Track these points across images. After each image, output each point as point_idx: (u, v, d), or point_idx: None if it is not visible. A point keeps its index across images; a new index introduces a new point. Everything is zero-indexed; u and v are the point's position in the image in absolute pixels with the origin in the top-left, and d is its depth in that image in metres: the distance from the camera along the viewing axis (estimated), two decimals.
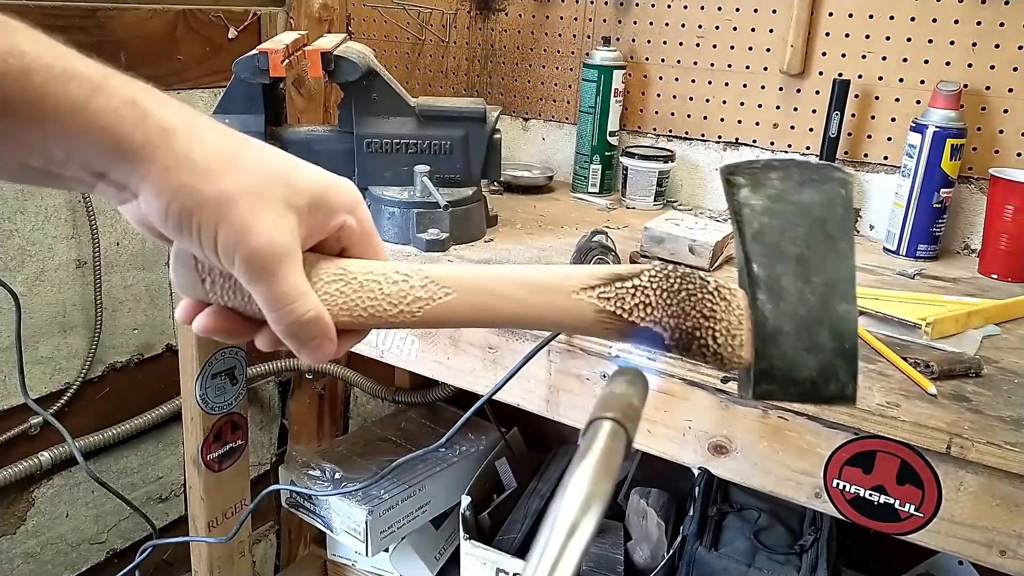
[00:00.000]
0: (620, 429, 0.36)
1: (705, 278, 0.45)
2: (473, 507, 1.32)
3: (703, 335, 0.45)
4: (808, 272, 0.45)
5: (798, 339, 0.44)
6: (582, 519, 0.32)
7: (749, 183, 0.47)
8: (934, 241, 1.18)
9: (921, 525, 0.72)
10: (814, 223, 0.46)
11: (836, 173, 0.47)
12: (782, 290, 0.45)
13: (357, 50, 1.11)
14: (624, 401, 0.38)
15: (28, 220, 1.26)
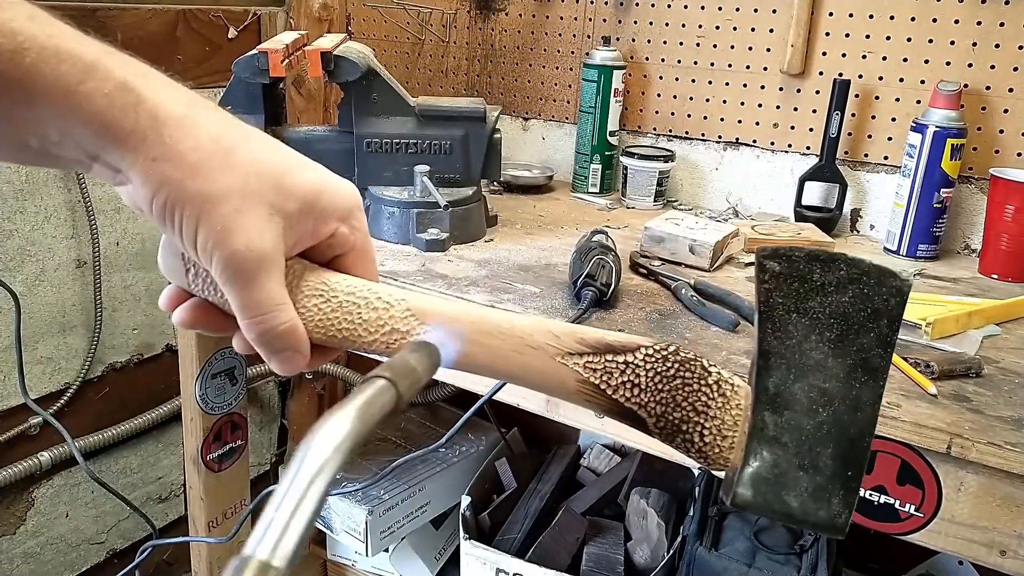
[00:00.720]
0: (390, 386, 0.36)
1: (708, 368, 0.42)
2: (473, 507, 1.32)
3: (689, 430, 0.42)
4: (827, 384, 0.40)
5: (796, 455, 0.40)
6: (328, 462, 0.32)
7: (785, 270, 0.41)
8: (934, 241, 1.18)
9: (921, 525, 0.72)
10: (849, 331, 0.40)
11: (892, 280, 0.40)
12: (792, 398, 0.40)
13: (357, 50, 1.11)
14: (404, 364, 0.38)
15: (28, 220, 1.26)
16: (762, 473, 0.40)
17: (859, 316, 0.40)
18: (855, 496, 0.40)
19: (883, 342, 0.40)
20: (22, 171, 1.24)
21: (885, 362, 0.40)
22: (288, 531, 0.30)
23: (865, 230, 1.31)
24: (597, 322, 0.87)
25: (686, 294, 0.94)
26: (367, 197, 1.14)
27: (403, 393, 0.37)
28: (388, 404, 0.36)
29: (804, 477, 0.40)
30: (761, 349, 0.42)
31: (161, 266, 0.45)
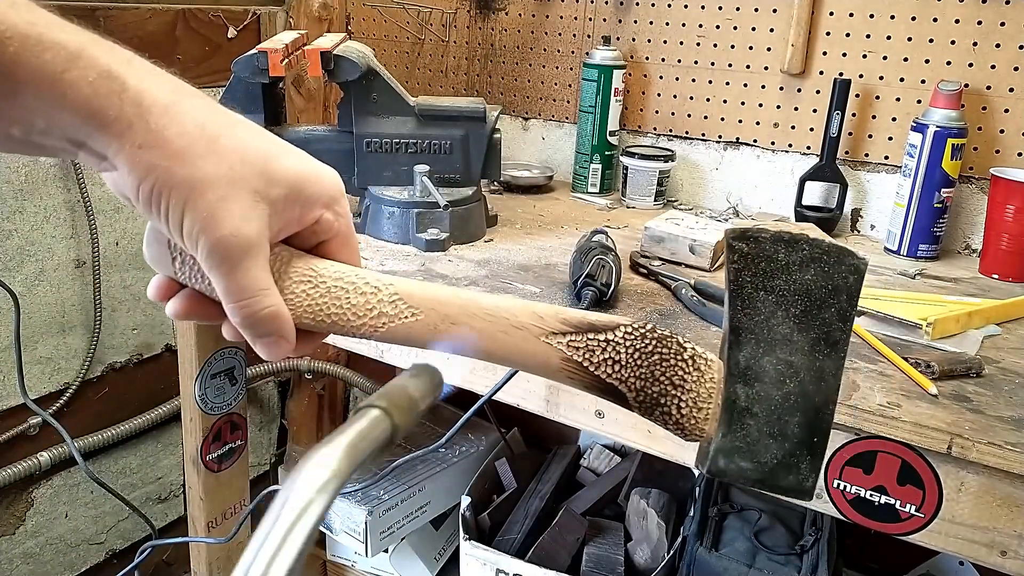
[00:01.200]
0: (385, 417, 0.35)
1: (683, 344, 0.44)
2: (473, 507, 1.32)
3: (667, 403, 0.43)
4: (793, 357, 0.43)
5: (767, 424, 0.43)
6: (312, 504, 0.31)
7: (752, 251, 0.44)
8: (935, 241, 1.18)
9: (922, 525, 0.71)
10: (812, 307, 0.44)
11: (850, 258, 0.44)
12: (761, 370, 0.43)
13: (357, 49, 1.11)
14: (400, 392, 0.37)
15: (27, 220, 1.26)
16: (735, 443, 0.43)
17: (821, 292, 0.43)
18: (821, 461, 0.43)
19: (843, 317, 0.43)
20: (22, 171, 1.24)
21: (845, 335, 0.44)
22: (271, 572, 0.29)
23: (866, 230, 1.31)
24: None
25: (686, 294, 0.94)
26: (367, 197, 1.14)
27: (399, 424, 0.36)
28: (382, 437, 0.35)
29: (774, 445, 0.43)
30: (732, 325, 0.44)
31: (147, 256, 0.45)
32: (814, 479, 0.43)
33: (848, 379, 0.77)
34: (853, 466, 0.73)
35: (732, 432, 0.43)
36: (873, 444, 0.72)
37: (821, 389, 0.43)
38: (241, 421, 1.35)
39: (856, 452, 0.72)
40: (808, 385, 0.43)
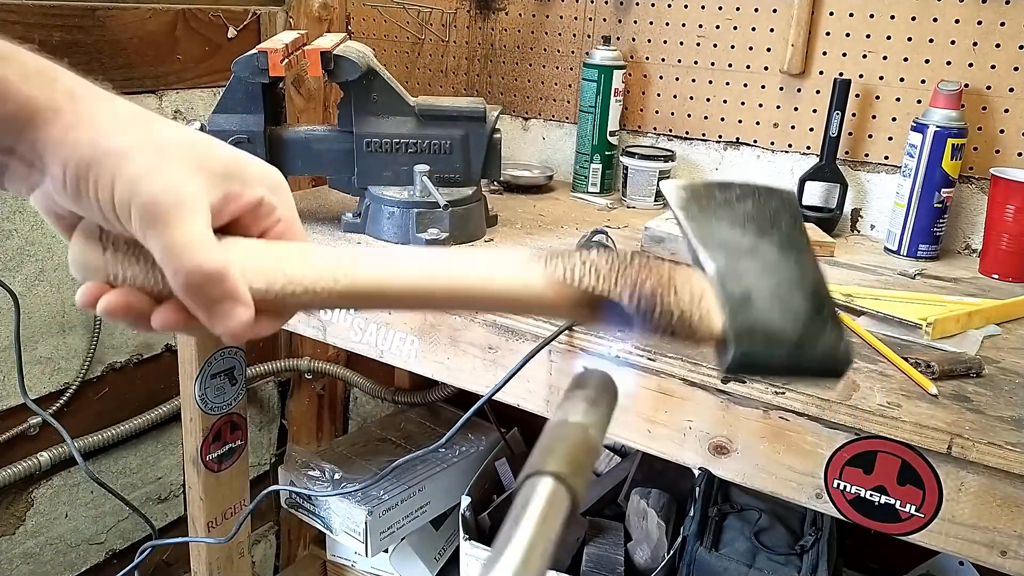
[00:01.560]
0: (560, 488, 0.29)
1: (657, 256, 0.44)
2: (473, 507, 1.32)
3: (666, 296, 0.41)
4: (768, 257, 0.43)
5: (770, 305, 0.42)
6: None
7: (690, 194, 0.45)
8: (935, 241, 1.18)
9: (922, 526, 0.71)
10: (764, 225, 0.45)
11: (779, 193, 0.46)
12: (744, 270, 0.43)
13: (357, 49, 1.11)
14: (571, 441, 0.32)
15: (27, 220, 1.26)
16: (747, 326, 0.41)
17: (765, 216, 0.45)
18: (841, 327, 0.43)
19: (795, 227, 0.45)
20: None
21: (806, 239, 0.45)
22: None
23: (866, 230, 1.31)
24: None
25: None
26: (367, 197, 1.14)
27: (578, 489, 0.30)
28: (561, 514, 0.29)
29: (785, 321, 0.42)
30: (694, 250, 0.44)
31: (73, 266, 0.42)
32: (844, 344, 0.42)
33: (848, 379, 0.77)
34: (853, 466, 0.73)
35: (742, 314, 0.41)
36: (873, 444, 0.72)
37: (808, 274, 0.43)
38: (241, 421, 1.35)
39: (856, 452, 0.72)
40: (793, 272, 0.43)
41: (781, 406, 0.75)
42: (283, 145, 1.13)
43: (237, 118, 1.09)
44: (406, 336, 0.97)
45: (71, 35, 1.26)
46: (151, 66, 1.38)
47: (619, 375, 0.41)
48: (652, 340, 0.45)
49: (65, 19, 1.25)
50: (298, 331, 1.07)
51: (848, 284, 1.03)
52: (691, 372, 0.79)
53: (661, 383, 0.81)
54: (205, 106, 1.47)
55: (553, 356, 0.87)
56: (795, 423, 0.75)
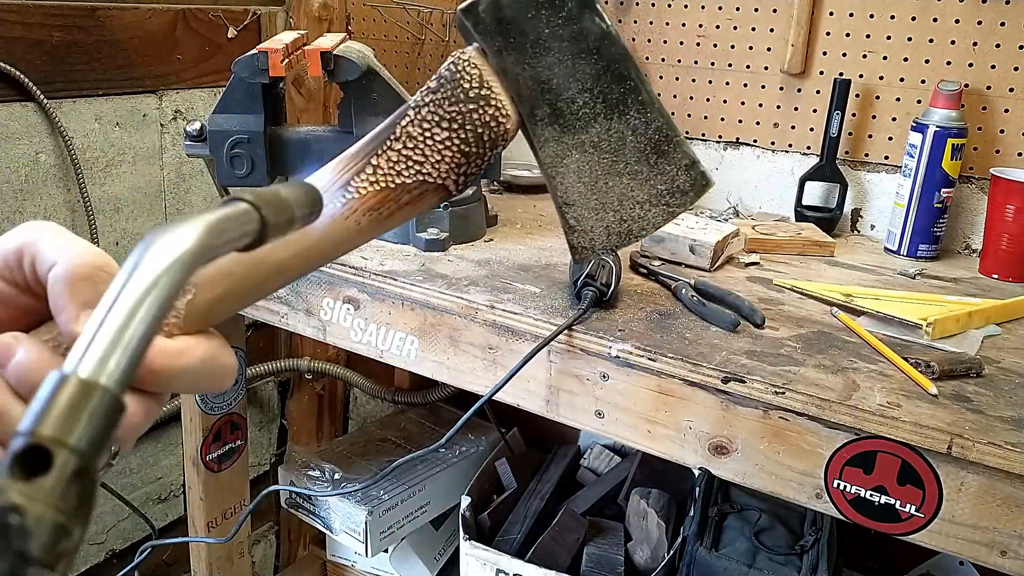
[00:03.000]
0: (252, 210, 0.31)
1: (467, 73, 0.44)
2: (473, 508, 1.32)
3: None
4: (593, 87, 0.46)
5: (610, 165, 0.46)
6: (165, 273, 0.27)
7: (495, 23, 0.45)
8: (935, 241, 1.18)
9: (922, 526, 0.71)
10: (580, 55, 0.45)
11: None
12: (571, 110, 0.46)
13: (357, 49, 1.11)
14: (272, 192, 0.33)
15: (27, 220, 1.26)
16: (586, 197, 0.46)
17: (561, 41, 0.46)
18: (688, 147, 0.47)
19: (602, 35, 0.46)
20: (22, 171, 1.24)
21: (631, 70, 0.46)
22: (117, 349, 0.25)
23: (866, 230, 1.31)
24: (597, 322, 0.87)
25: (686, 294, 0.94)
26: None
27: (270, 221, 0.31)
28: (247, 229, 0.31)
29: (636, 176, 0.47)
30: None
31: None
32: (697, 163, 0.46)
33: (848, 379, 0.77)
34: (853, 466, 0.73)
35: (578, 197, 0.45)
36: (873, 444, 0.72)
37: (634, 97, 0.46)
38: (241, 421, 1.35)
39: (856, 452, 0.72)
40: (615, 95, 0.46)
41: (781, 406, 0.75)
42: (283, 145, 1.13)
43: (237, 118, 1.09)
44: (406, 336, 0.97)
45: (71, 35, 1.26)
46: (151, 66, 1.38)
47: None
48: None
49: (65, 19, 1.25)
50: (298, 331, 1.08)
51: (848, 284, 1.03)
52: (691, 372, 0.79)
53: (661, 383, 0.81)
54: (205, 106, 1.47)
55: (553, 356, 0.87)
56: (795, 423, 0.75)
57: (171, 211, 1.47)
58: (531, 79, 0.45)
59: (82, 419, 0.23)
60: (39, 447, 0.22)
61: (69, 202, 1.31)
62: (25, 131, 1.23)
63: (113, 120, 1.35)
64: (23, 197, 1.25)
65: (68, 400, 0.23)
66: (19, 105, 1.22)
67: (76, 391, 0.24)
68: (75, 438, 0.23)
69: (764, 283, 1.04)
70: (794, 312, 0.94)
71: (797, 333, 0.88)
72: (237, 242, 0.30)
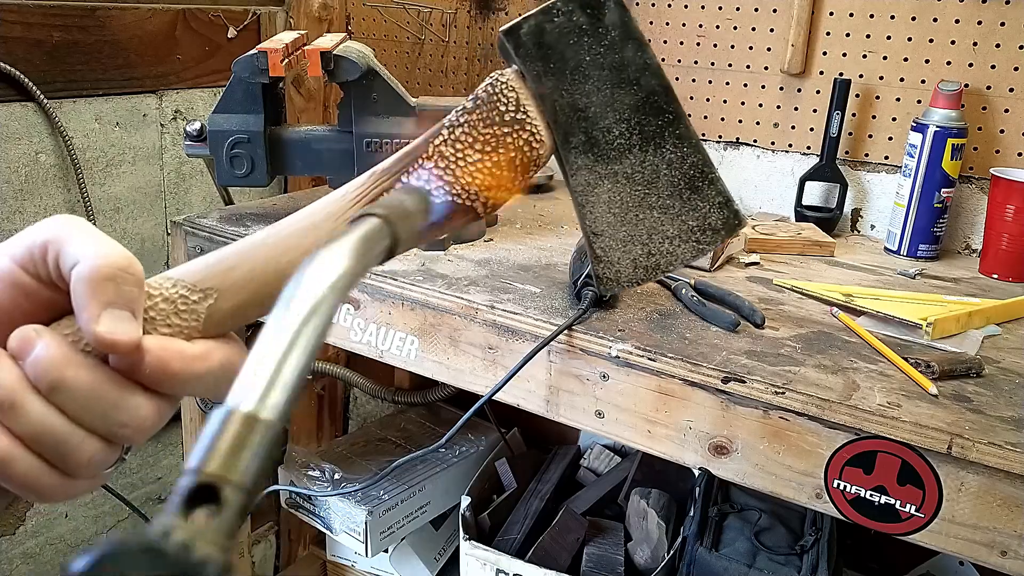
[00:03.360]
0: (384, 226, 0.32)
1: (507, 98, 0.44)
2: (473, 508, 1.32)
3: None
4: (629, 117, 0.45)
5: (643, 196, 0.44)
6: (323, 302, 0.28)
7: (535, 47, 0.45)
8: (935, 241, 1.18)
9: (922, 526, 0.71)
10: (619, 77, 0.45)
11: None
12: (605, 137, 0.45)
13: (357, 49, 1.11)
14: (398, 203, 0.35)
15: (27, 220, 1.26)
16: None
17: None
18: (723, 184, 0.45)
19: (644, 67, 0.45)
20: (22, 171, 1.24)
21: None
22: (278, 380, 0.25)
23: (866, 230, 1.31)
24: (597, 322, 0.87)
25: (686, 294, 0.94)
26: None
27: (400, 236, 0.33)
28: (384, 245, 0.32)
29: (667, 214, 0.45)
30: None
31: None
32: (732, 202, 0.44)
33: (848, 379, 0.77)
34: (853, 466, 0.73)
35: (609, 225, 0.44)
36: (873, 444, 0.72)
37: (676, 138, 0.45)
38: None
39: (856, 452, 0.72)
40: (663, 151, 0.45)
41: (781, 406, 0.75)
42: (283, 145, 1.13)
43: (237, 118, 1.09)
44: (406, 336, 0.97)
45: (71, 35, 1.26)
46: (151, 66, 1.38)
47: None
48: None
49: (65, 19, 1.25)
50: None
51: (848, 284, 1.03)
52: (691, 372, 0.79)
53: (661, 383, 0.81)
54: (205, 106, 1.47)
55: (553, 356, 0.87)
56: (795, 423, 0.75)
57: (171, 211, 1.47)
58: (568, 106, 0.44)
59: (247, 455, 0.24)
60: (208, 486, 0.23)
61: (69, 202, 1.31)
62: (25, 131, 1.23)
63: (113, 120, 1.35)
64: (23, 197, 1.25)
65: (234, 436, 0.24)
66: (19, 105, 1.22)
67: (241, 427, 0.24)
68: (241, 475, 0.23)
69: (764, 283, 1.04)
70: (794, 312, 0.94)
71: (797, 333, 0.88)
72: (376, 260, 0.32)
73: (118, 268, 0.35)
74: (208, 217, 1.18)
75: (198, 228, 1.15)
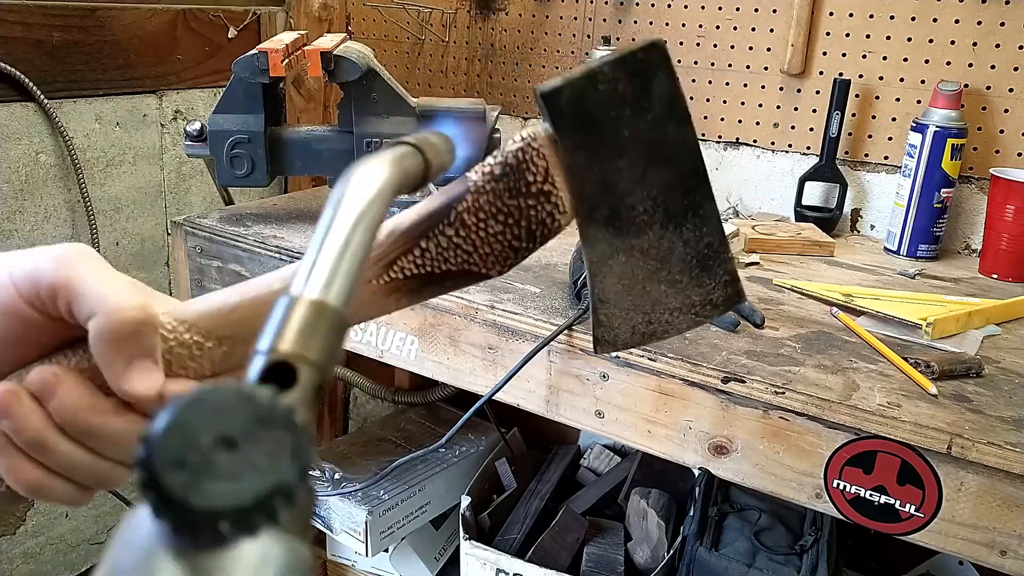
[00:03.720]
0: (416, 151, 0.34)
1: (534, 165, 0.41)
2: (473, 507, 1.32)
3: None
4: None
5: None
6: (371, 204, 0.29)
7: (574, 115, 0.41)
8: (935, 241, 1.18)
9: (921, 525, 0.71)
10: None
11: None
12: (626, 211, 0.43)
13: (357, 50, 1.11)
14: (425, 138, 0.36)
15: (27, 220, 1.26)
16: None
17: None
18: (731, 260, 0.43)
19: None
20: (22, 171, 1.24)
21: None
22: (339, 271, 0.27)
23: (865, 230, 1.31)
24: None
25: None
26: None
27: (431, 161, 0.35)
28: (417, 167, 0.34)
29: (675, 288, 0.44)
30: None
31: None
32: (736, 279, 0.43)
33: (848, 379, 0.77)
34: (853, 466, 0.73)
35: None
36: (873, 444, 0.72)
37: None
38: None
39: (856, 452, 0.73)
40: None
41: (781, 406, 0.75)
42: (283, 145, 1.13)
43: (237, 118, 1.09)
44: (406, 336, 0.97)
45: (71, 35, 1.26)
46: (151, 66, 1.38)
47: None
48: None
49: (65, 19, 1.25)
50: None
51: (848, 284, 1.03)
52: (691, 372, 0.79)
53: (661, 383, 0.81)
54: (205, 106, 1.47)
55: (552, 356, 0.87)
56: (795, 423, 0.75)
57: (171, 211, 1.47)
58: (598, 180, 0.42)
59: (317, 336, 0.25)
60: (283, 363, 0.24)
61: (69, 202, 1.31)
62: (25, 131, 1.23)
63: (113, 120, 1.35)
64: (23, 197, 1.25)
65: (302, 319, 0.25)
66: (19, 105, 1.22)
67: (309, 311, 0.25)
68: (314, 353, 0.25)
69: (764, 283, 1.04)
70: (794, 312, 0.94)
71: (797, 333, 0.88)
72: (412, 179, 0.33)
73: (138, 324, 0.35)
74: (208, 217, 1.18)
75: (198, 228, 1.15)
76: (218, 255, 1.13)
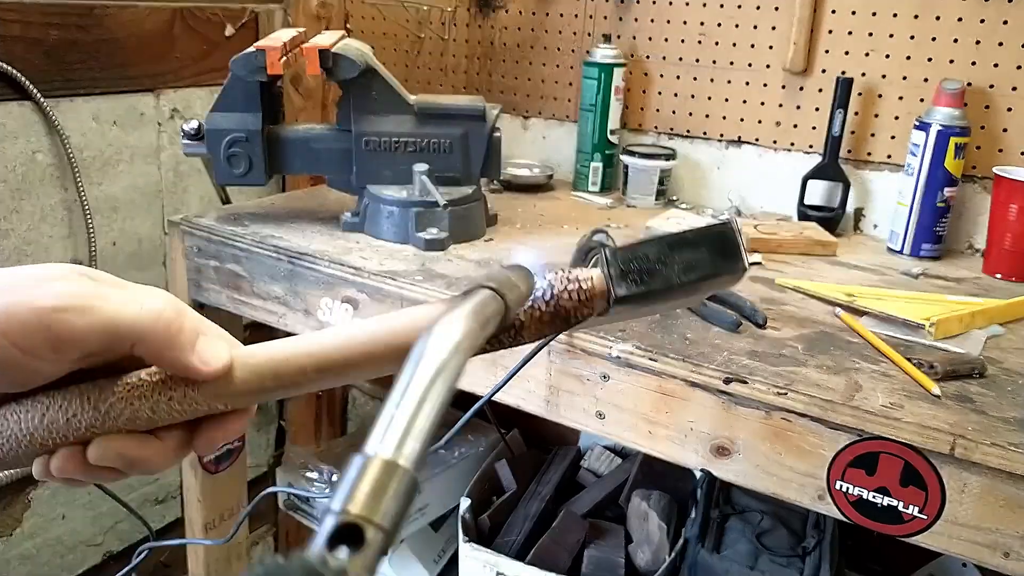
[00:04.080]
0: (495, 296, 0.35)
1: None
2: (472, 509, 1.31)
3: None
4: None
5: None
6: (449, 362, 0.30)
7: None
8: (938, 240, 1.17)
9: (925, 527, 0.71)
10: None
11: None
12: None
13: (355, 48, 1.10)
14: (504, 277, 0.37)
15: (24, 220, 1.25)
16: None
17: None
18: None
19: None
20: (18, 170, 1.23)
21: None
22: (412, 431, 0.27)
23: (868, 229, 1.31)
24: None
25: None
26: (366, 196, 1.13)
27: (511, 304, 0.35)
28: (497, 313, 0.34)
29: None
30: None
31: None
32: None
33: (851, 380, 0.76)
34: (855, 467, 0.72)
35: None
36: (875, 445, 0.71)
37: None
38: None
39: (858, 453, 0.72)
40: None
41: (783, 407, 0.74)
42: (281, 144, 1.13)
43: (235, 117, 1.09)
44: None
45: (69, 34, 1.25)
46: (149, 64, 1.37)
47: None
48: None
49: (63, 17, 1.24)
50: (296, 331, 1.07)
51: (851, 284, 1.02)
52: (692, 373, 0.78)
53: (662, 384, 0.80)
54: (203, 105, 1.46)
55: (553, 357, 0.86)
56: (797, 424, 0.74)
57: (168, 210, 1.46)
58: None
59: (387, 498, 0.26)
60: (352, 524, 0.25)
61: (66, 201, 1.30)
62: (22, 130, 1.23)
63: (110, 119, 1.34)
64: (20, 196, 1.24)
65: (374, 481, 0.26)
66: (16, 104, 1.21)
67: (380, 472, 0.26)
68: (382, 516, 0.25)
69: (766, 283, 1.03)
70: (796, 312, 0.94)
71: (799, 333, 0.87)
72: (492, 324, 0.34)
73: (174, 314, 0.39)
74: (206, 216, 1.17)
75: (196, 228, 1.14)
76: (216, 255, 1.12)
